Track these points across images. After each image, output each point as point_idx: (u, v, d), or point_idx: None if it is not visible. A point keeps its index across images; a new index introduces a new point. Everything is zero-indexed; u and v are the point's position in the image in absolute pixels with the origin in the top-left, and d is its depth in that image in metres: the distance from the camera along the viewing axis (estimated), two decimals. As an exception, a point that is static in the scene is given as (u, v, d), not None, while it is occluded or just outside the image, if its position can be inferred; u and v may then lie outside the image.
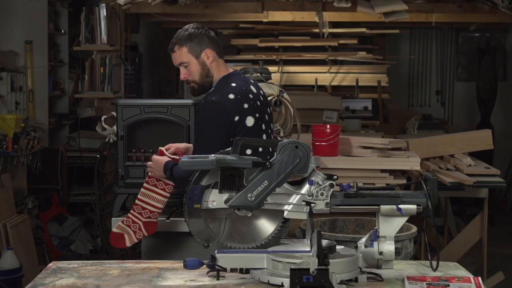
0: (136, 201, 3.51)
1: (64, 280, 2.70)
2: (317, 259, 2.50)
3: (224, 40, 10.22)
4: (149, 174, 3.52)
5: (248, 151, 3.25)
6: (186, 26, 3.50)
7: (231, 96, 3.36)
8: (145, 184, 3.51)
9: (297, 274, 2.50)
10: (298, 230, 4.12)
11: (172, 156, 3.46)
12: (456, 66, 10.91)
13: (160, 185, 3.49)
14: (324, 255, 2.51)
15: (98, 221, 6.41)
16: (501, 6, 5.94)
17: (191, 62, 3.43)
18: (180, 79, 3.49)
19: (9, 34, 7.16)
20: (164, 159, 3.44)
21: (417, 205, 2.66)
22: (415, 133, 8.25)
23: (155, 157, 3.47)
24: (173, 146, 3.53)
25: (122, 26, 6.90)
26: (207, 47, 3.44)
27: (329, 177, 2.66)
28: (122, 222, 3.52)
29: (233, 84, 3.42)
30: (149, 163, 3.50)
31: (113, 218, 4.33)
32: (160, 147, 3.52)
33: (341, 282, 2.59)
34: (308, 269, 2.50)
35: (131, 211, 3.52)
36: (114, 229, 3.52)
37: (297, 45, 9.36)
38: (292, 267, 2.54)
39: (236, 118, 3.34)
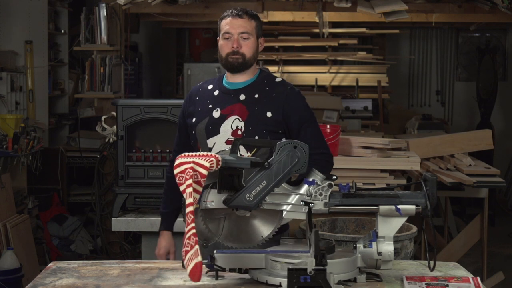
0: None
1: (64, 280, 2.71)
2: (314, 259, 2.50)
3: (224, 40, 10.22)
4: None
5: None
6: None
7: None
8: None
9: (294, 274, 2.50)
10: (298, 230, 4.12)
11: None
12: (456, 66, 10.91)
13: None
14: (322, 255, 2.51)
15: (98, 221, 6.41)
16: (501, 6, 5.93)
17: (252, 37, 3.29)
18: (232, 46, 3.25)
19: (9, 34, 7.16)
20: None
21: (416, 206, 2.66)
22: (415, 133, 8.24)
23: None
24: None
25: (122, 26, 6.89)
26: (262, 36, 3.39)
27: (328, 177, 2.66)
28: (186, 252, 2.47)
29: None
30: None
31: (113, 218, 4.34)
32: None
33: (339, 282, 2.58)
34: (305, 269, 2.50)
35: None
36: (197, 260, 2.43)
37: (297, 45, 9.36)
38: (290, 267, 2.54)
39: None
